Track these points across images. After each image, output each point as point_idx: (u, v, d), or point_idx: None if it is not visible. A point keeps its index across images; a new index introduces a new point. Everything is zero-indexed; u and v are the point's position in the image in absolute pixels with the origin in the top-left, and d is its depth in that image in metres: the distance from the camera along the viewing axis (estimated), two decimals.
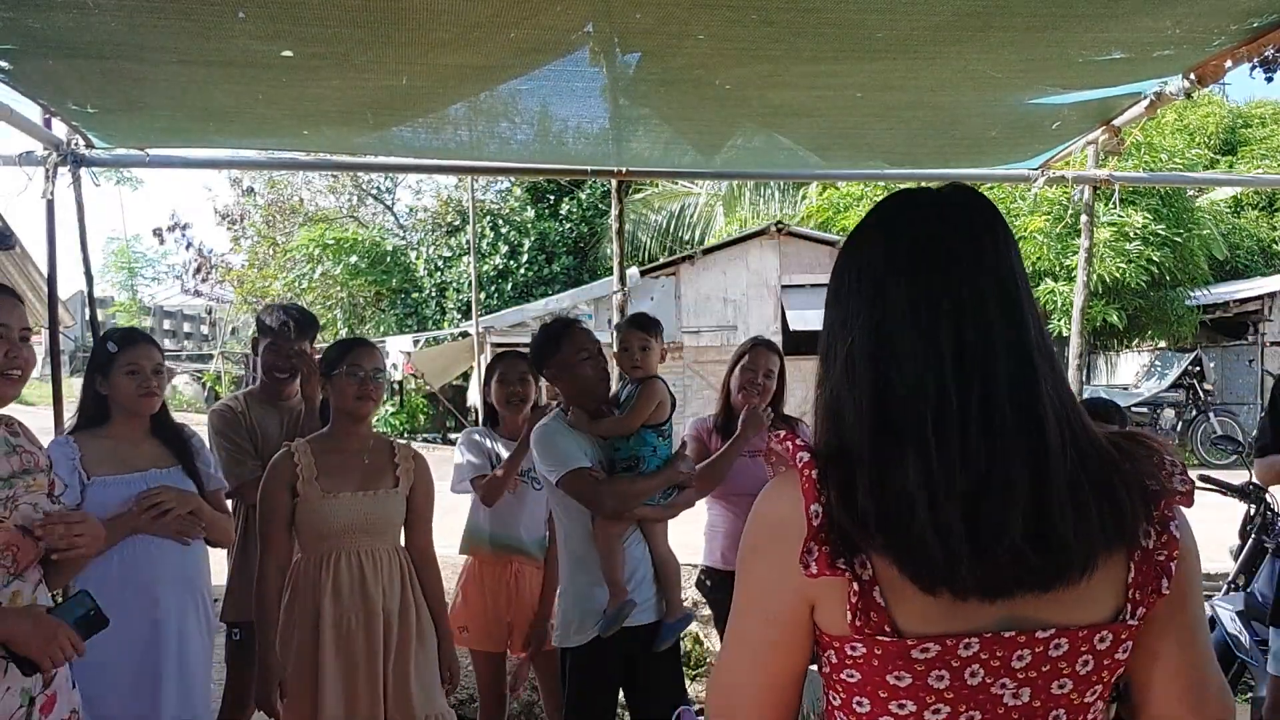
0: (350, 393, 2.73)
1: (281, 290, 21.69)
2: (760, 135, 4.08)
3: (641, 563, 2.92)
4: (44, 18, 2.65)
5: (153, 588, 2.59)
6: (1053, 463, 0.94)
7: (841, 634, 0.97)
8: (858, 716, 0.99)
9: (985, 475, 0.93)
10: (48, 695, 1.99)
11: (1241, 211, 18.08)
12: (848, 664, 0.98)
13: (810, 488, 0.97)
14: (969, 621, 0.94)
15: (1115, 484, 0.97)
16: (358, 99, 3.48)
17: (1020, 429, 0.94)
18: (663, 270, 17.52)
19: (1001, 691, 0.96)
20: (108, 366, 2.63)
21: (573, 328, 3.00)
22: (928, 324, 0.97)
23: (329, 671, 2.61)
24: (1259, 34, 2.80)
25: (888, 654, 0.95)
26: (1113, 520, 0.96)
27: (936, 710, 0.96)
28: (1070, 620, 0.96)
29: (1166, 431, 13.95)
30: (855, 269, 1.04)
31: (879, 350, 0.99)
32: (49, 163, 3.86)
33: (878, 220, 1.07)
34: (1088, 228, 5.14)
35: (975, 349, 0.96)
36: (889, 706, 0.97)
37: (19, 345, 2.02)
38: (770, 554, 1.00)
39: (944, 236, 1.01)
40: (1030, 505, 0.93)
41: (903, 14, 2.69)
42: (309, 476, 2.67)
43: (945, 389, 0.95)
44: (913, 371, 0.97)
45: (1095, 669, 0.98)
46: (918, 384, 0.96)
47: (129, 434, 2.67)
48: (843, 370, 1.02)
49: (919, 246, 1.01)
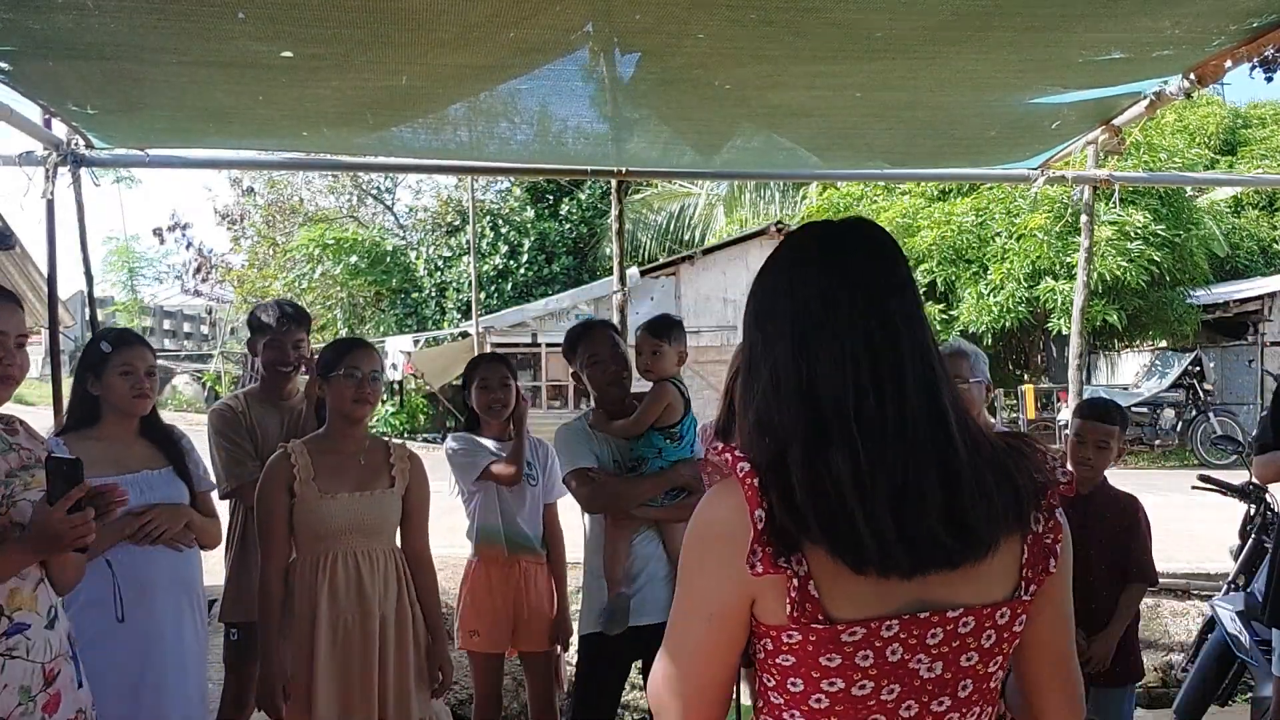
0: (348, 396, 2.71)
1: (281, 290, 21.68)
2: (760, 135, 4.09)
3: (652, 561, 2.96)
4: (44, 18, 2.65)
5: (149, 591, 2.59)
6: (959, 453, 1.07)
7: (779, 624, 1.07)
8: (791, 695, 1.10)
9: (904, 464, 1.05)
10: (50, 694, 1.98)
11: (1241, 211, 18.08)
12: (783, 650, 1.08)
13: (753, 495, 1.06)
14: (889, 605, 1.06)
15: (1012, 473, 1.11)
16: (357, 99, 3.48)
17: (930, 422, 1.07)
18: (663, 270, 17.54)
19: (918, 666, 1.08)
20: (101, 367, 2.61)
21: (590, 332, 3.07)
22: (845, 338, 1.09)
23: (325, 672, 2.61)
24: (1259, 34, 2.80)
25: (820, 639, 1.06)
26: (1012, 505, 1.09)
27: (862, 686, 1.07)
28: (975, 600, 1.09)
29: (1166, 431, 13.94)
30: (774, 294, 1.16)
31: (802, 364, 1.10)
32: (49, 163, 3.86)
33: (791, 250, 1.19)
34: (1088, 227, 5.14)
35: (887, 357, 1.09)
36: (820, 685, 1.08)
37: (13, 352, 2.02)
38: (715, 557, 1.09)
39: (853, 261, 1.13)
40: (943, 491, 1.05)
41: (902, 14, 2.68)
42: (306, 477, 2.67)
43: (864, 392, 1.07)
44: (834, 379, 1.08)
45: (997, 641, 1.12)
46: (840, 390, 1.07)
47: (120, 435, 2.65)
48: (769, 384, 1.12)
49: (832, 271, 1.12)
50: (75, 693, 2.07)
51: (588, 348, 3.04)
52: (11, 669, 1.91)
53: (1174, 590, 5.85)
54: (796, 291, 1.13)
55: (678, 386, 3.01)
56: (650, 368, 3.03)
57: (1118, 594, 3.07)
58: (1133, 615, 3.11)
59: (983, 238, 14.77)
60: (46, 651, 1.99)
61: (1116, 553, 3.08)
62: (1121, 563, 3.08)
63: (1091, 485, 3.17)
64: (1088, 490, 3.17)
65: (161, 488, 2.67)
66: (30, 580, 1.98)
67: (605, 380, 3.02)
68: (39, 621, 1.98)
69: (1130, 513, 3.13)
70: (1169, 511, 7.36)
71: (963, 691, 1.11)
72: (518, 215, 22.08)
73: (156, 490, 2.65)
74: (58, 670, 2.02)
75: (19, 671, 1.92)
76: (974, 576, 1.08)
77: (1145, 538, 3.12)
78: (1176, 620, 5.70)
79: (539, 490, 3.42)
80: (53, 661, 2.01)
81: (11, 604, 1.93)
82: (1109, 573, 3.08)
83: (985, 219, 14.76)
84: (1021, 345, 16.49)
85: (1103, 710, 3.14)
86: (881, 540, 1.02)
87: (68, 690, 2.04)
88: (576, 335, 3.11)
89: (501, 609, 3.33)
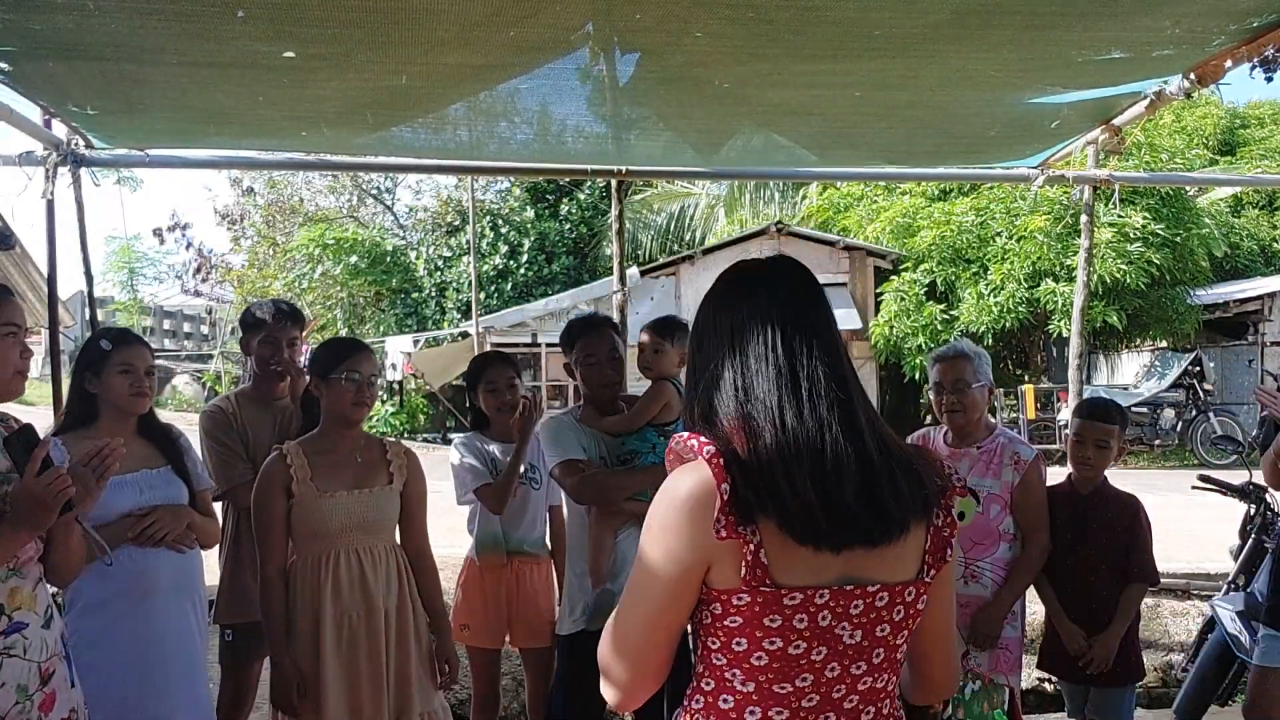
0: (347, 399, 2.70)
1: (281, 290, 21.68)
2: (760, 135, 4.09)
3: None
4: (44, 19, 2.65)
5: (152, 593, 2.59)
6: (869, 445, 1.29)
7: (732, 587, 1.25)
8: (734, 655, 1.28)
9: (821, 453, 1.26)
10: (46, 693, 1.99)
11: (1241, 211, 18.07)
12: (731, 612, 1.26)
13: (720, 471, 1.25)
14: (822, 577, 1.26)
15: (918, 470, 1.32)
16: (357, 99, 3.48)
17: (843, 422, 1.28)
18: (663, 270, 17.53)
19: (842, 632, 1.28)
20: (100, 365, 2.60)
21: (592, 331, 3.05)
22: (778, 354, 1.32)
23: (332, 670, 2.61)
24: (1259, 34, 2.80)
25: (766, 601, 1.25)
26: (919, 497, 1.30)
27: (796, 646, 1.27)
28: (889, 578, 1.29)
29: (1166, 431, 13.94)
30: (715, 321, 1.40)
31: (735, 371, 1.33)
32: (49, 163, 3.86)
33: (727, 286, 1.43)
34: (1088, 228, 5.15)
35: (807, 367, 1.31)
36: (762, 644, 1.27)
37: (27, 345, 2.08)
38: (682, 525, 1.26)
39: (779, 294, 1.37)
40: (859, 475, 1.26)
41: (902, 12, 2.68)
42: (303, 477, 2.66)
43: (783, 398, 1.29)
44: (764, 387, 1.30)
45: (905, 616, 1.32)
46: (767, 395, 1.29)
47: (118, 434, 2.60)
48: (711, 390, 1.35)
49: (761, 301, 1.36)
50: (69, 692, 2.08)
51: (586, 346, 3.04)
52: (10, 667, 1.91)
53: (1174, 590, 5.85)
54: (731, 321, 1.36)
55: (675, 386, 3.02)
56: (651, 365, 3.04)
57: (1118, 594, 3.07)
58: (1133, 615, 3.11)
59: (983, 238, 14.76)
60: (43, 651, 1.99)
61: (1117, 552, 3.08)
62: (1122, 563, 3.08)
63: (1092, 485, 3.17)
64: (1088, 490, 3.17)
65: (161, 487, 2.66)
66: (30, 579, 1.99)
67: (599, 383, 3.03)
68: (36, 621, 1.99)
69: (1131, 512, 3.13)
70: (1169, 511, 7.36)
71: (876, 658, 1.32)
72: (518, 215, 22.08)
73: (156, 490, 2.65)
74: (53, 669, 2.02)
75: (17, 670, 1.93)
76: (889, 558, 1.29)
77: (1146, 537, 3.12)
78: (1176, 620, 5.70)
79: (542, 493, 3.42)
80: (48, 661, 2.01)
81: (11, 603, 1.93)
82: (1110, 573, 3.08)
83: (985, 219, 14.75)
84: (1022, 345, 16.48)
85: (1103, 710, 3.14)
86: (812, 517, 1.23)
87: (62, 689, 2.05)
88: (578, 331, 3.09)
89: (493, 604, 3.34)
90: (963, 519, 3.09)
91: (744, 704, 1.29)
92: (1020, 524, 3.08)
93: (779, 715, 1.29)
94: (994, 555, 3.05)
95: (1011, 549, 3.08)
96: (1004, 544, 3.06)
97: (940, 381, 3.12)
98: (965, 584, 3.05)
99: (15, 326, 2.04)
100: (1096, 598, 3.08)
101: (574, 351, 3.07)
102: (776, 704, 1.29)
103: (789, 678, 1.28)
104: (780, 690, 1.28)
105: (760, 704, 1.29)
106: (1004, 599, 3.02)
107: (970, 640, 3.02)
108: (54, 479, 1.88)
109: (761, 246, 16.97)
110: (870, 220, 16.71)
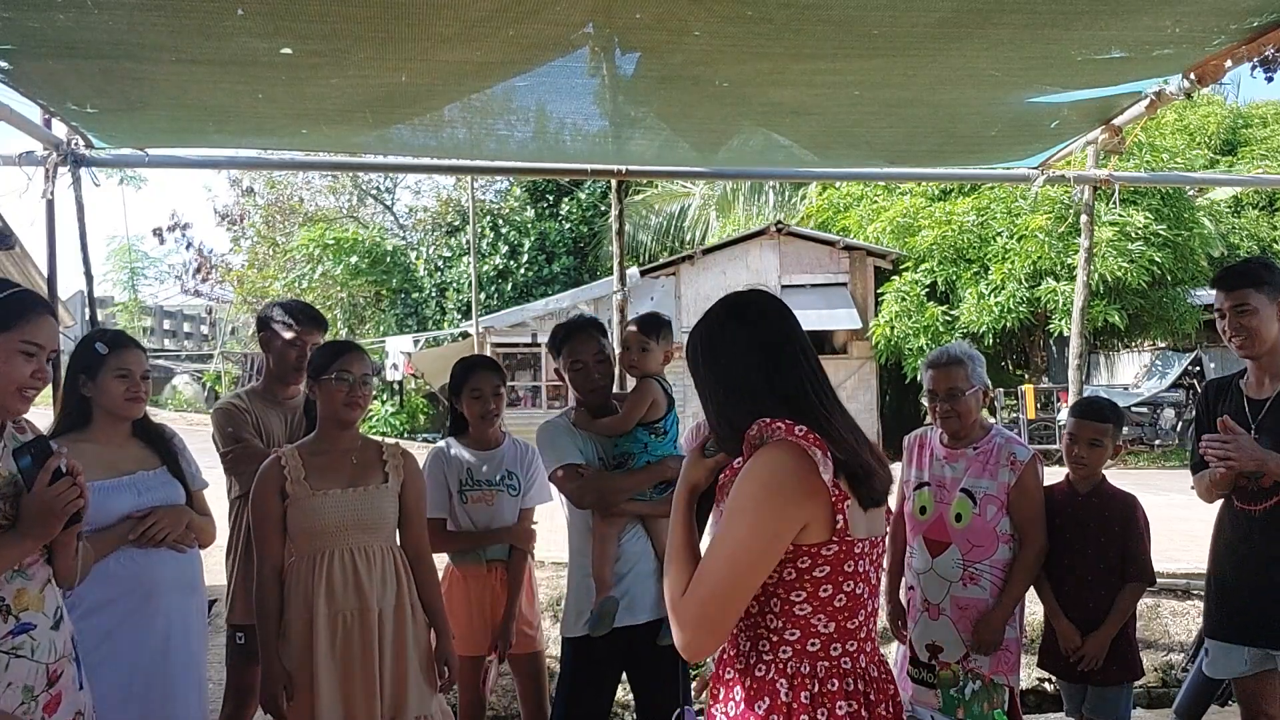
0: (339, 399, 2.70)
1: (281, 290, 21.68)
2: (759, 134, 4.08)
3: (641, 559, 2.93)
4: (43, 18, 2.65)
5: (154, 593, 2.58)
6: (857, 430, 1.65)
7: (822, 540, 1.53)
8: (820, 600, 1.55)
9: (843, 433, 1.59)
10: (52, 694, 1.98)
11: (1241, 211, 18.06)
12: (820, 562, 1.54)
13: (820, 443, 1.51)
14: (864, 531, 1.59)
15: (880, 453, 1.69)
16: (357, 97, 3.48)
17: (843, 414, 1.64)
18: (663, 270, 17.53)
19: (868, 573, 1.61)
20: (96, 369, 2.58)
21: (575, 335, 3.01)
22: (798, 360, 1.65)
23: (325, 670, 2.60)
24: (1259, 33, 2.80)
25: (847, 549, 1.55)
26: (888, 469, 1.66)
27: (860, 588, 1.59)
28: (879, 532, 1.65)
29: (1166, 431, 13.94)
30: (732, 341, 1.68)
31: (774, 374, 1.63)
32: (49, 163, 3.86)
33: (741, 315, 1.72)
34: (1088, 228, 5.15)
35: (817, 369, 1.67)
36: (842, 587, 1.56)
37: (45, 368, 2.03)
38: (793, 490, 1.50)
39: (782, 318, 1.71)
40: (872, 452, 1.63)
41: (901, 11, 2.68)
42: (297, 477, 2.66)
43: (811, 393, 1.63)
44: (795, 383, 1.63)
45: (880, 563, 1.68)
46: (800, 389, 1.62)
47: (112, 437, 2.62)
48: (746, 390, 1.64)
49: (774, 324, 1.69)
50: (76, 694, 2.07)
51: (571, 352, 3.00)
52: (16, 668, 1.91)
53: (1174, 590, 5.85)
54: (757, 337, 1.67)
55: (661, 384, 3.02)
56: (636, 364, 3.02)
57: (1115, 593, 3.07)
58: (1128, 614, 3.11)
59: (983, 237, 14.77)
60: (51, 652, 1.99)
61: (1114, 552, 3.08)
62: (1118, 562, 3.08)
63: (1089, 484, 3.16)
64: (1086, 489, 3.16)
65: (158, 488, 2.65)
66: (37, 581, 1.98)
67: (587, 387, 3.01)
68: (45, 622, 1.98)
69: (1128, 511, 3.12)
70: (1169, 511, 7.36)
71: (874, 597, 1.66)
72: (518, 215, 22.09)
73: (153, 491, 2.64)
74: (60, 671, 2.02)
75: (23, 671, 1.92)
76: (877, 516, 1.63)
77: (1143, 537, 3.11)
78: (1176, 620, 5.70)
79: (519, 500, 3.36)
80: (56, 662, 2.00)
81: (19, 604, 1.93)
82: (1106, 572, 3.08)
83: (986, 219, 14.76)
84: (1022, 345, 16.48)
85: (1100, 709, 3.14)
86: (871, 475, 1.57)
87: (69, 691, 2.04)
88: (562, 336, 3.05)
89: (476, 612, 3.30)
90: (959, 521, 3.10)
91: (829, 642, 1.57)
92: (1017, 525, 3.07)
93: (851, 647, 1.59)
94: (992, 558, 3.04)
95: (1010, 550, 3.07)
96: (1002, 545, 3.06)
97: (934, 389, 3.11)
98: (964, 586, 3.04)
99: (34, 345, 1.98)
100: (1094, 597, 3.08)
101: (561, 357, 3.04)
102: (849, 638, 1.58)
103: (855, 614, 1.58)
104: (851, 626, 1.58)
105: (840, 640, 1.57)
106: (1005, 605, 3.02)
107: (973, 647, 3.02)
108: (64, 490, 1.89)
109: (762, 246, 16.99)
110: (870, 220, 16.71)
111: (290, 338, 3.27)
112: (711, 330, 1.71)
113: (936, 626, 3.08)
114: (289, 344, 3.27)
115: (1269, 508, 2.70)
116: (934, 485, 3.15)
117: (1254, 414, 2.78)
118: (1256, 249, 17.76)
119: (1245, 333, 2.74)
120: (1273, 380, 2.77)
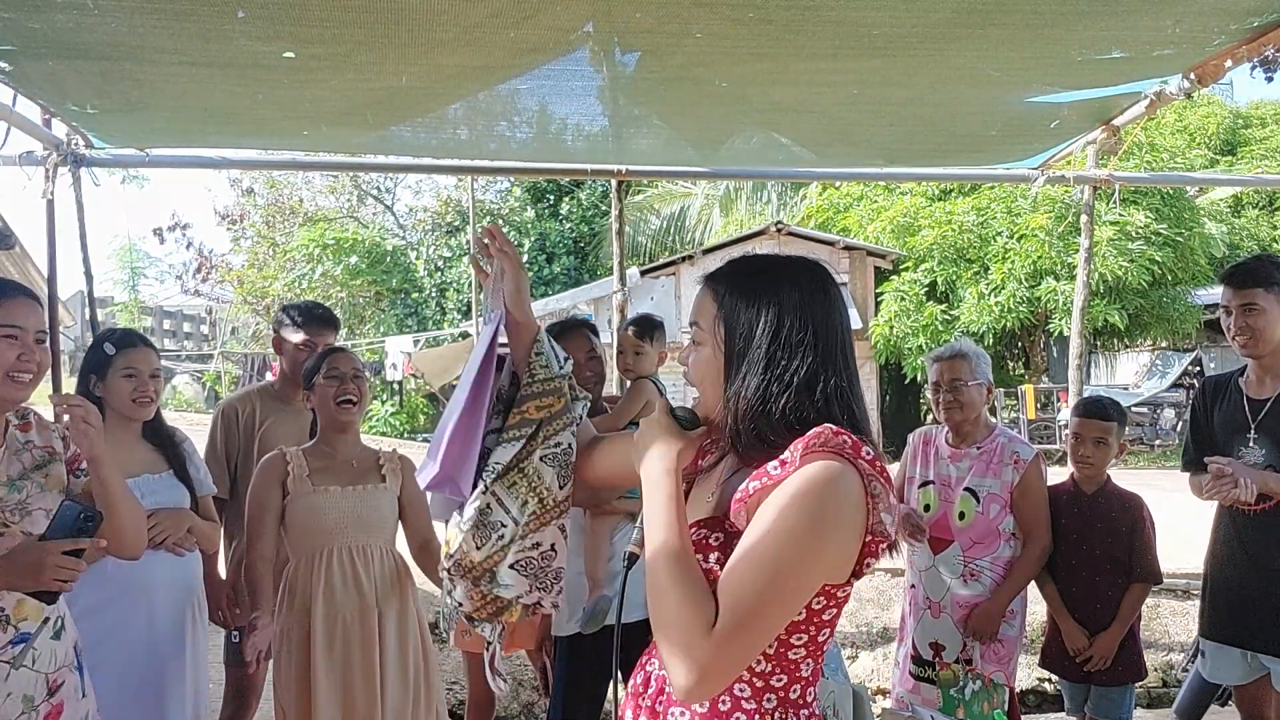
0: (330, 395, 2.74)
1: (281, 290, 21.67)
2: (760, 134, 4.09)
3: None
4: (44, 18, 2.65)
5: (152, 595, 2.58)
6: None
7: (842, 580, 1.29)
8: (816, 644, 1.34)
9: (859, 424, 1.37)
10: (53, 704, 1.97)
11: (1241, 211, 18.05)
12: (831, 604, 1.31)
13: (888, 478, 1.30)
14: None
15: None
16: (357, 99, 3.48)
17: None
18: (663, 270, 17.52)
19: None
20: (104, 368, 2.59)
21: (568, 334, 3.04)
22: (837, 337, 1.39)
23: (323, 669, 2.61)
24: (1259, 33, 2.80)
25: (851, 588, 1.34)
26: None
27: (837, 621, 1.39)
28: None
29: (1166, 431, 13.94)
30: (827, 314, 1.39)
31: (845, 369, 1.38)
32: (49, 163, 3.86)
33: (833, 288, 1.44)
34: (1088, 227, 5.15)
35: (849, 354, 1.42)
36: (834, 626, 1.37)
37: (33, 348, 1.99)
38: (849, 522, 1.26)
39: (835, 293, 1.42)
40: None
41: (901, 11, 2.68)
42: (300, 474, 2.71)
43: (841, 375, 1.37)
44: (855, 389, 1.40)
45: None
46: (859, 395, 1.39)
47: (121, 438, 2.61)
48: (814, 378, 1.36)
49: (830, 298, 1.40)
50: (78, 703, 2.06)
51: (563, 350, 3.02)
52: (16, 678, 1.90)
53: (1174, 590, 5.84)
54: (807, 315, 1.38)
55: (656, 384, 3.03)
56: (631, 367, 3.07)
57: (1121, 593, 3.07)
58: (1135, 614, 3.11)
59: (984, 237, 14.76)
60: (51, 662, 1.98)
61: (1120, 552, 3.08)
62: (1125, 562, 3.08)
63: (1095, 484, 3.17)
64: (1092, 489, 3.17)
65: (162, 491, 2.66)
66: None
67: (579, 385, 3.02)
68: (45, 632, 1.98)
69: (1134, 511, 3.13)
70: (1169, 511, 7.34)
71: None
72: (518, 215, 22.08)
73: (158, 494, 2.64)
74: (61, 680, 2.01)
75: (23, 681, 1.92)
76: None
77: (1149, 537, 3.12)
78: (1176, 620, 5.69)
79: None
80: (57, 672, 2.00)
81: (17, 614, 1.93)
82: (1113, 572, 3.08)
83: (986, 218, 14.75)
84: (1022, 345, 16.48)
85: (1102, 709, 3.14)
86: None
87: (71, 700, 2.03)
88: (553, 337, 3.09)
89: None
90: (963, 519, 3.10)
91: (806, 687, 1.36)
92: (1020, 524, 3.08)
93: (813, 690, 1.38)
94: (994, 554, 3.05)
95: (1012, 548, 3.08)
96: (1004, 543, 3.06)
97: (937, 380, 3.14)
98: (965, 583, 3.05)
99: (13, 327, 1.96)
100: (1099, 596, 3.08)
101: None
102: (817, 681, 1.39)
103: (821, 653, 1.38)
104: (821, 666, 1.39)
105: (814, 683, 1.37)
106: (1001, 597, 3.02)
107: (967, 633, 3.03)
108: (68, 567, 1.82)
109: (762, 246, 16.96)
110: (870, 220, 16.69)
111: (300, 340, 3.30)
112: (801, 292, 1.37)
113: (938, 625, 3.09)
114: (300, 346, 3.30)
115: (1263, 510, 2.70)
116: (938, 484, 3.16)
117: (1254, 413, 2.79)
118: (1256, 248, 17.78)
119: (1250, 332, 2.75)
120: (1274, 380, 2.78)
